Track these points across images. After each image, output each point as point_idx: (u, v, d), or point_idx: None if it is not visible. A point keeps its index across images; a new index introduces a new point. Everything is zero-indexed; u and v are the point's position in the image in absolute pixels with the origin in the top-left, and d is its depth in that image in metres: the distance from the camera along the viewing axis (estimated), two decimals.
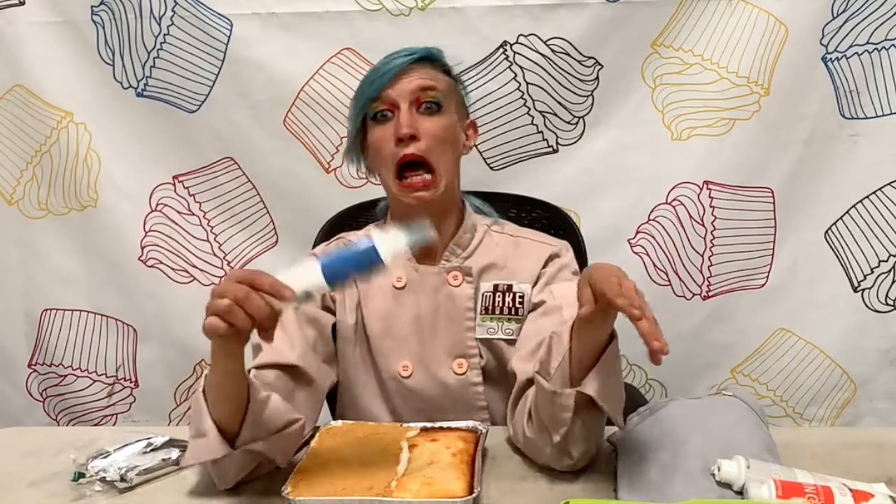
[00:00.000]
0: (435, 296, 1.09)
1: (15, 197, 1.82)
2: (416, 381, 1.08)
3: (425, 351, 1.08)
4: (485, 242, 1.13)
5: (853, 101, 1.66)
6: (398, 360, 1.08)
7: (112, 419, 1.90)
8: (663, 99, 1.68)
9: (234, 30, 1.68)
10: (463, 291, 1.08)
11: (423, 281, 1.09)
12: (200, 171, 1.78)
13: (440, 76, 1.10)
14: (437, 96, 1.07)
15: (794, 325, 1.76)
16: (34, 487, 0.93)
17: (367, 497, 0.81)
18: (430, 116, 1.06)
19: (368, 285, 1.11)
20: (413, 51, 1.08)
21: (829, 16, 1.61)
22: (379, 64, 1.08)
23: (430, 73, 1.08)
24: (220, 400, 0.86)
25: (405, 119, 1.04)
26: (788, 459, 0.86)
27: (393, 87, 1.05)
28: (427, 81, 1.06)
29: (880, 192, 1.70)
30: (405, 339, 1.09)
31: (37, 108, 1.75)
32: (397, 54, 1.08)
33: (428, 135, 1.05)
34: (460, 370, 1.08)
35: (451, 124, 1.09)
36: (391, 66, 1.06)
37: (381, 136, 1.06)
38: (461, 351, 1.08)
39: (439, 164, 1.06)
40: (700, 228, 1.73)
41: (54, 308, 1.86)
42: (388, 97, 1.05)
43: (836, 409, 1.80)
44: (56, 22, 1.71)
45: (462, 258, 1.11)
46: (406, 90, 1.05)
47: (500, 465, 0.94)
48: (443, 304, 1.08)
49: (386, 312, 1.10)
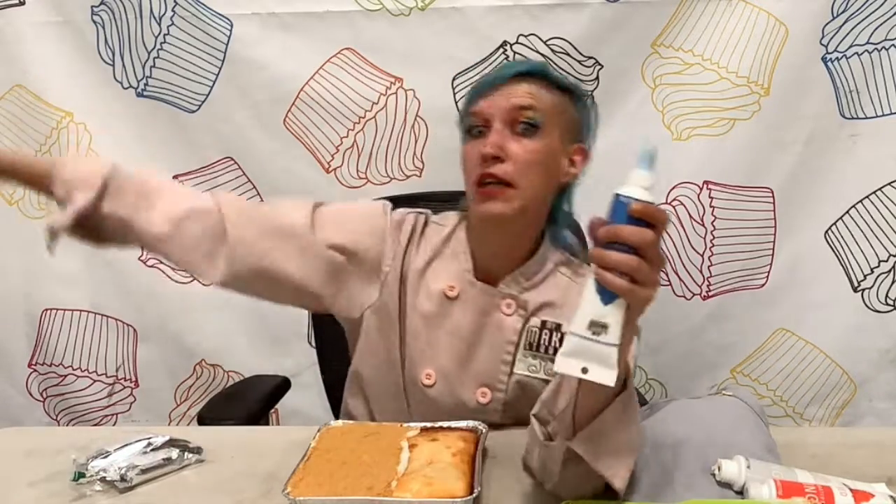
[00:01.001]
0: (481, 317, 1.04)
1: (15, 197, 1.82)
2: (436, 392, 1.05)
3: (454, 369, 1.04)
4: (549, 280, 1.06)
5: (853, 101, 1.66)
6: (423, 367, 1.05)
7: (112, 419, 1.90)
8: (663, 99, 1.68)
9: (234, 30, 1.68)
10: (512, 323, 1.03)
11: (476, 298, 1.04)
12: (200, 171, 1.78)
13: (546, 95, 0.99)
14: (536, 117, 0.98)
15: (794, 325, 1.76)
16: (34, 487, 0.93)
17: (367, 497, 0.81)
18: (524, 138, 0.98)
19: (420, 278, 1.06)
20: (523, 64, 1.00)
21: (829, 16, 1.61)
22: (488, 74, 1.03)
23: (533, 90, 0.98)
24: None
25: (493, 138, 0.97)
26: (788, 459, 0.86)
27: (489, 101, 0.98)
28: (525, 99, 0.97)
29: (880, 192, 1.70)
30: (438, 348, 1.05)
31: (37, 108, 1.75)
32: (509, 66, 1.00)
33: (516, 158, 0.97)
34: (483, 399, 1.04)
35: (547, 148, 0.99)
36: (490, 78, 0.99)
37: (468, 152, 1.00)
38: (489, 381, 1.04)
39: (522, 182, 0.97)
40: (700, 228, 1.73)
41: (54, 308, 1.86)
42: (483, 112, 0.99)
43: (836, 409, 1.80)
44: (56, 22, 1.71)
45: (522, 288, 1.05)
46: (501, 107, 0.98)
47: (501, 465, 0.94)
48: (487, 329, 1.04)
49: (429, 317, 1.05)
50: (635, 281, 0.69)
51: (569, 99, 1.02)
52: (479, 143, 0.99)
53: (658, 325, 1.75)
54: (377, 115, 1.71)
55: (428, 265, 1.07)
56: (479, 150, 0.98)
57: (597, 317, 0.70)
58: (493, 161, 0.96)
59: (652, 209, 0.70)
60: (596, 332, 0.70)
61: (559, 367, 0.72)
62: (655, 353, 1.77)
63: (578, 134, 1.04)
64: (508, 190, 0.97)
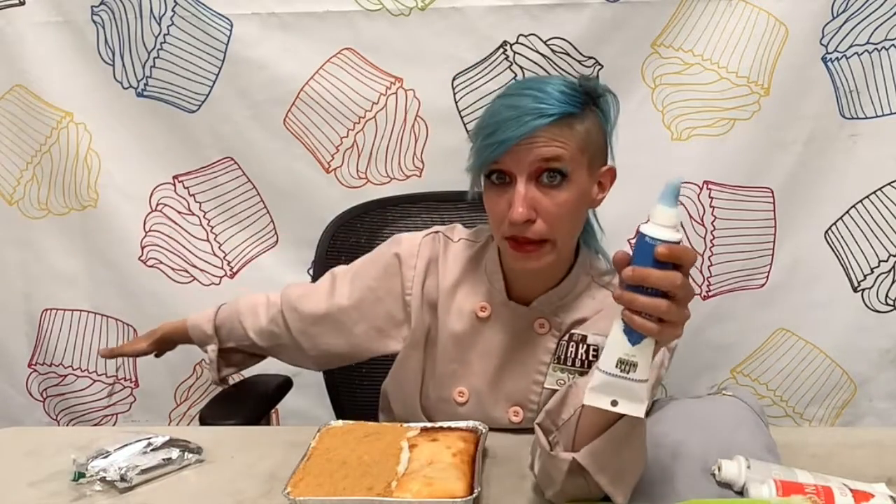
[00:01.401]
0: (515, 336, 1.03)
1: (15, 197, 1.82)
2: (467, 411, 1.05)
3: (487, 388, 1.05)
4: (583, 298, 1.04)
5: (853, 101, 1.66)
6: (456, 385, 1.06)
7: (112, 419, 1.90)
8: (663, 99, 1.68)
9: (234, 30, 1.68)
10: (545, 343, 1.03)
11: (509, 318, 1.03)
12: (200, 171, 1.78)
13: (571, 133, 0.92)
14: (564, 167, 0.92)
15: (794, 325, 1.76)
16: (34, 487, 0.93)
17: (367, 497, 0.81)
18: (553, 189, 0.92)
19: (450, 299, 1.06)
20: (544, 112, 0.90)
21: (829, 16, 1.61)
22: (503, 110, 0.92)
23: (558, 141, 0.91)
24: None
25: (521, 200, 0.91)
26: (788, 459, 0.86)
27: (510, 158, 0.91)
28: (552, 150, 0.91)
29: (880, 192, 1.70)
30: (471, 368, 1.05)
31: (37, 108, 1.75)
32: (527, 105, 0.90)
33: (547, 216, 0.93)
34: (516, 418, 1.05)
35: (577, 194, 0.94)
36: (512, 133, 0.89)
37: (495, 204, 0.95)
38: (522, 401, 1.04)
39: (556, 236, 0.95)
40: (700, 228, 1.73)
41: (54, 308, 1.86)
42: (506, 168, 0.92)
43: (836, 409, 1.80)
44: (56, 22, 1.71)
45: (555, 307, 1.03)
46: (525, 161, 0.91)
47: (501, 465, 0.94)
48: (520, 349, 1.03)
49: (461, 337, 1.05)
50: (663, 321, 0.68)
51: (592, 116, 0.96)
52: (504, 194, 0.94)
53: None
54: (377, 115, 1.71)
55: (458, 284, 1.07)
56: (505, 207, 0.93)
57: (625, 356, 0.71)
58: (525, 224, 0.92)
59: (679, 251, 0.68)
60: (625, 370, 0.71)
61: (589, 401, 0.72)
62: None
63: (604, 154, 1.00)
64: (544, 246, 0.95)
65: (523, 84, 0.98)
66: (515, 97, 0.93)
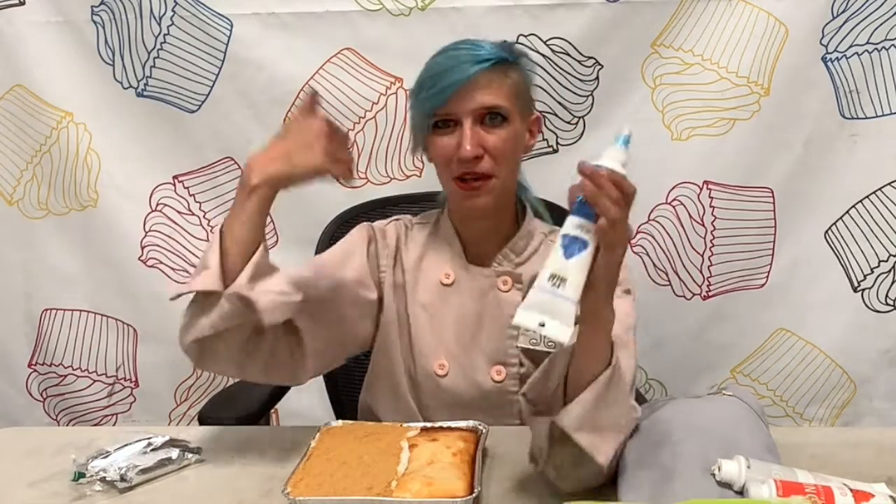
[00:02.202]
0: (481, 299, 1.07)
1: (15, 197, 1.82)
2: (451, 382, 1.07)
3: (465, 353, 1.07)
4: (540, 251, 1.09)
5: (853, 101, 1.66)
6: (435, 359, 1.08)
7: (112, 419, 1.90)
8: (663, 99, 1.68)
9: (234, 30, 1.68)
10: (511, 298, 1.06)
11: (472, 282, 1.08)
12: (200, 171, 1.78)
13: (506, 82, 1.01)
14: (503, 110, 1.01)
15: (794, 325, 1.76)
16: (34, 487, 0.93)
17: (367, 497, 0.81)
18: (495, 129, 1.01)
19: (415, 274, 1.10)
20: (480, 57, 0.99)
21: (829, 16, 1.61)
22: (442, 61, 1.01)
23: (495, 84, 1.00)
24: (235, 238, 0.94)
25: (468, 138, 0.99)
26: (788, 459, 0.86)
27: (455, 102, 0.99)
28: (491, 99, 1.00)
29: (880, 192, 1.70)
30: (446, 337, 1.08)
31: (37, 108, 1.75)
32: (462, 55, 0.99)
33: (493, 151, 1.01)
34: (498, 377, 1.07)
35: (515, 133, 1.03)
36: (454, 79, 0.98)
37: (441, 146, 1.02)
38: (502, 358, 1.07)
39: (501, 172, 1.02)
40: (700, 228, 1.73)
41: (54, 308, 1.86)
42: (450, 112, 1.00)
43: (836, 409, 1.80)
44: (56, 22, 1.71)
45: (514, 264, 1.08)
46: (468, 108, 0.99)
47: (501, 465, 0.94)
48: (488, 309, 1.07)
49: (430, 307, 1.09)
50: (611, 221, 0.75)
51: (519, 69, 1.05)
52: (450, 137, 1.01)
53: (658, 326, 1.75)
54: (377, 115, 1.71)
55: (421, 259, 1.11)
56: (453, 148, 1.01)
57: (558, 270, 0.75)
58: (474, 161, 1.00)
59: (621, 179, 0.77)
60: (555, 283, 0.74)
61: (518, 320, 0.75)
62: (655, 353, 1.77)
63: (531, 102, 1.09)
64: (489, 181, 1.02)
65: (455, 42, 1.04)
66: (451, 51, 1.02)
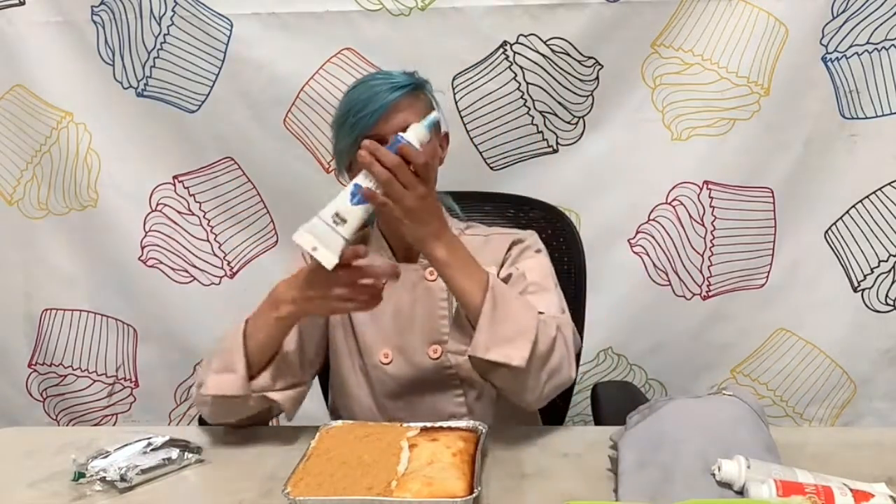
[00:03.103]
0: (413, 290, 1.17)
1: (15, 197, 1.82)
2: (395, 368, 1.16)
3: (404, 340, 1.16)
4: None
5: (853, 101, 1.66)
6: (379, 349, 1.17)
7: (112, 419, 1.90)
8: (663, 99, 1.68)
9: (234, 30, 1.68)
10: (437, 284, 1.16)
11: (403, 277, 1.12)
12: (200, 171, 1.78)
13: (419, 104, 1.12)
14: None
15: (794, 325, 1.76)
16: (34, 487, 0.93)
17: (367, 497, 0.81)
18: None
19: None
20: (397, 84, 1.09)
21: (829, 16, 1.61)
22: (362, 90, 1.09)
23: (413, 107, 1.10)
24: (258, 346, 1.02)
25: None
26: (788, 459, 0.86)
27: (382, 124, 1.07)
28: (412, 118, 1.06)
29: (880, 192, 1.70)
30: (386, 329, 1.17)
31: (37, 108, 1.75)
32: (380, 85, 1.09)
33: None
34: (435, 355, 1.15)
35: (433, 150, 1.09)
36: (381, 103, 1.07)
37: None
38: (436, 337, 1.15)
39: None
40: (700, 228, 1.73)
41: (54, 308, 1.86)
42: (378, 133, 1.06)
43: (836, 409, 1.80)
44: (56, 22, 1.71)
45: None
46: (395, 127, 1.05)
47: (501, 465, 0.94)
48: (420, 297, 1.17)
49: None
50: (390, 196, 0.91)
51: (425, 92, 1.15)
52: None
53: (658, 325, 1.75)
54: None
55: None
56: None
57: (342, 211, 0.91)
58: None
59: (414, 152, 0.92)
60: (336, 221, 0.91)
61: (296, 238, 0.91)
62: (655, 353, 1.77)
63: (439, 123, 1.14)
64: None
65: (370, 74, 1.16)
66: (368, 82, 1.11)
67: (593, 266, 1.36)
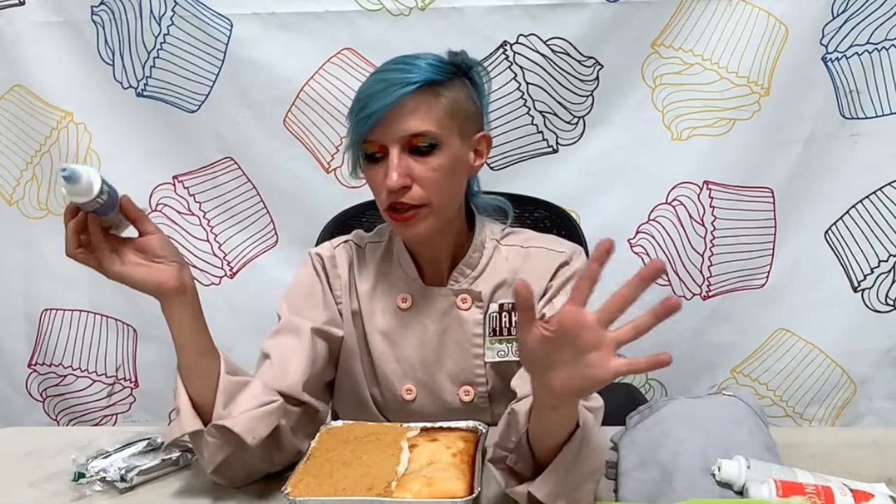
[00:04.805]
0: (442, 319, 1.04)
1: (15, 197, 1.82)
2: (419, 406, 1.06)
3: (431, 377, 1.06)
4: (494, 260, 1.06)
5: (853, 101, 1.66)
6: (402, 384, 1.06)
7: (112, 419, 1.90)
8: (663, 99, 1.68)
9: (234, 30, 1.68)
10: (471, 316, 1.04)
11: (431, 303, 1.05)
12: (200, 171, 1.78)
13: (436, 103, 0.95)
14: (433, 138, 0.95)
15: (794, 325, 1.76)
16: (34, 487, 0.93)
17: (367, 497, 0.81)
18: (426, 156, 0.95)
19: (371, 301, 1.07)
20: (408, 80, 0.93)
21: (829, 16, 1.61)
22: (371, 84, 0.96)
23: (422, 106, 0.94)
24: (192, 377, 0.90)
25: (394, 168, 0.93)
26: (788, 459, 0.86)
27: (381, 131, 0.94)
28: (418, 126, 0.94)
29: (880, 192, 1.70)
30: (410, 363, 1.06)
31: (37, 108, 1.75)
32: (394, 77, 0.94)
33: (422, 181, 0.95)
34: (467, 397, 1.05)
35: (450, 159, 0.97)
36: (378, 105, 0.92)
37: (373, 178, 0.98)
38: (468, 378, 1.05)
39: (434, 199, 0.97)
40: (700, 228, 1.73)
41: (54, 308, 1.86)
42: (377, 141, 0.95)
43: (836, 409, 1.80)
44: (56, 22, 1.71)
45: (471, 279, 1.05)
46: (395, 133, 0.94)
47: None
48: (450, 329, 1.04)
49: (390, 334, 1.06)
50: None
51: (461, 85, 0.99)
52: (380, 168, 0.96)
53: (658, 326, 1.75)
54: None
55: (376, 284, 1.08)
56: (382, 178, 0.95)
57: None
58: (402, 191, 0.95)
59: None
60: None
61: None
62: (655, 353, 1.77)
63: (478, 121, 1.02)
64: (422, 209, 0.97)
65: (394, 59, 0.99)
66: (385, 72, 0.97)
67: None
